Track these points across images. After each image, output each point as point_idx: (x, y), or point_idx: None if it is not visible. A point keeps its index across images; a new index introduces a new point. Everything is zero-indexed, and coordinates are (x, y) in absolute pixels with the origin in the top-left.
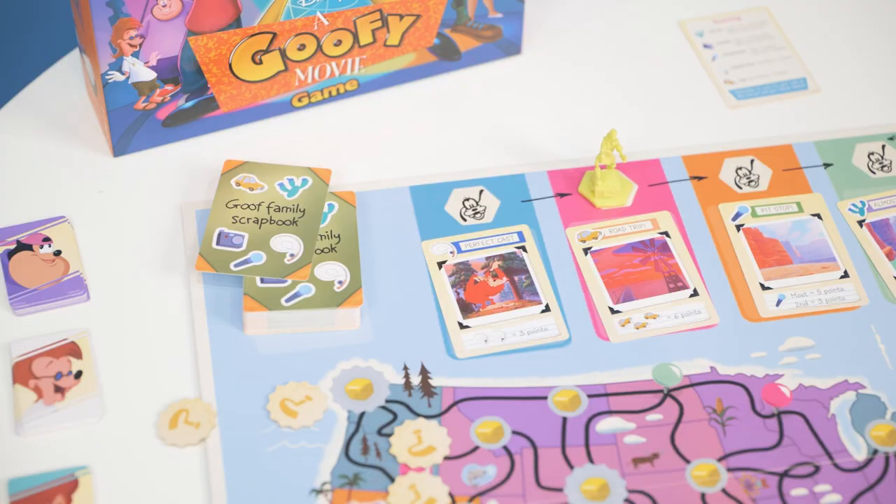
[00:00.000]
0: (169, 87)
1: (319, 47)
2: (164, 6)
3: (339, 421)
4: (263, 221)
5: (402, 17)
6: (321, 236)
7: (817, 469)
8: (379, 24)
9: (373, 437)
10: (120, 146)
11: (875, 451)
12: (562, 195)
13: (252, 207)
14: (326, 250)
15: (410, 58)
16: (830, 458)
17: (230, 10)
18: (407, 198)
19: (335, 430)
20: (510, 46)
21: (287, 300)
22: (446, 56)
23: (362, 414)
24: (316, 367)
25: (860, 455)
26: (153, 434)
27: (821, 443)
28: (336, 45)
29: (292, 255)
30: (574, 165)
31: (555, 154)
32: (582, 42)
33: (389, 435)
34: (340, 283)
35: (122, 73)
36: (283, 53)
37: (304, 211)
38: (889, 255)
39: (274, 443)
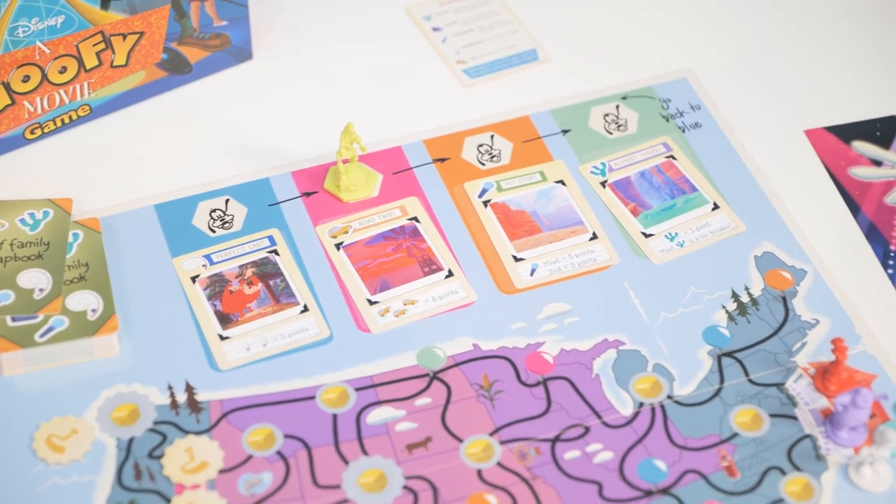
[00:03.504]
0: None
1: (45, 76)
2: None
3: (108, 450)
4: (7, 259)
5: (125, 36)
6: (69, 266)
7: (587, 430)
8: (102, 46)
9: (144, 461)
10: None
11: (641, 404)
12: (308, 194)
13: None
14: (76, 280)
15: (140, 76)
16: (599, 416)
17: None
18: (153, 216)
19: (105, 459)
20: (240, 52)
21: (41, 335)
22: (177, 70)
23: (131, 439)
24: (79, 399)
25: (627, 410)
26: None
27: (588, 403)
28: (61, 72)
29: (41, 290)
30: (317, 163)
31: (297, 154)
32: (312, 39)
33: (161, 456)
34: (94, 310)
35: None
36: (7, 87)
37: (48, 244)
38: (634, 212)
39: (44, 481)
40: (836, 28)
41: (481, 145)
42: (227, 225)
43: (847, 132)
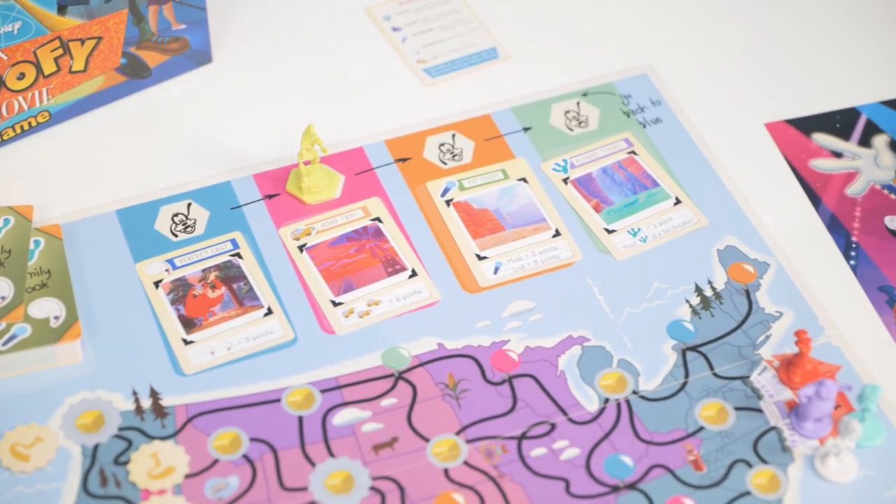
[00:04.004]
0: None
1: (3, 83)
2: None
3: (73, 457)
4: None
5: (83, 41)
6: (31, 274)
7: (553, 426)
8: (61, 51)
9: (110, 468)
10: None
11: (606, 400)
12: (270, 196)
13: None
14: (38, 287)
15: (100, 81)
16: (564, 413)
17: None
18: (115, 222)
19: (70, 467)
20: (200, 56)
21: (4, 343)
22: (136, 74)
23: (96, 446)
24: (43, 407)
25: (592, 406)
26: None
27: (553, 400)
28: (19, 78)
29: (3, 298)
30: (279, 165)
31: (258, 156)
32: (272, 41)
33: (126, 462)
34: (56, 318)
35: None
36: None
37: (9, 251)
38: (596, 208)
39: (9, 490)
40: (795, 21)
41: (443, 144)
42: (189, 229)
43: (807, 125)
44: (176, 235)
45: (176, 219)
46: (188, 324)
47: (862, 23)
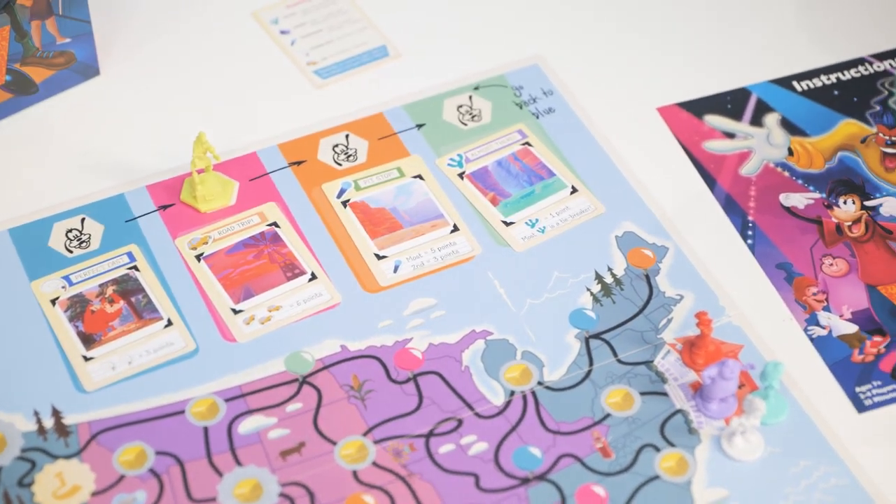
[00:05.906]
0: None
1: None
2: None
3: None
4: None
5: None
6: None
7: (460, 422)
8: None
9: (14, 490)
10: None
11: (512, 393)
12: (165, 207)
13: None
14: None
15: None
16: (471, 408)
17: None
18: (7, 241)
19: None
20: (87, 69)
21: None
22: (22, 91)
23: None
24: None
25: (498, 400)
26: None
27: (459, 396)
28: None
29: None
30: (172, 175)
31: (152, 167)
32: (160, 50)
33: (31, 484)
34: None
35: None
36: None
37: None
38: (493, 201)
39: None
40: (681, 4)
41: (337, 145)
42: (84, 244)
43: (699, 107)
44: (71, 251)
45: (70, 234)
46: (87, 340)
47: (748, 2)
